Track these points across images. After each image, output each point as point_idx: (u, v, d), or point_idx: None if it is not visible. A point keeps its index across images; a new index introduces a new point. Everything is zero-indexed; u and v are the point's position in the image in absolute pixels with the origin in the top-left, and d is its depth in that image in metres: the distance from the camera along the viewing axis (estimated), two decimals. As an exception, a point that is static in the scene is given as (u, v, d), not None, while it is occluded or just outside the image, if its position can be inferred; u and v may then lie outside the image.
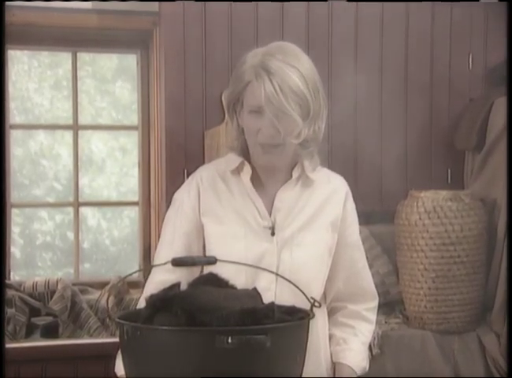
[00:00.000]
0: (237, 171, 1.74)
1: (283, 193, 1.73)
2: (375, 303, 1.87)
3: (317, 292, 1.72)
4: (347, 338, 1.80)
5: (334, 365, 1.79)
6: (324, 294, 1.81)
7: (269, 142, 1.63)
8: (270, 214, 1.72)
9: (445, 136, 3.25)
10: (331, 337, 1.81)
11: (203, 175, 1.76)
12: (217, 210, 1.73)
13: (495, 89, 3.14)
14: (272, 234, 1.70)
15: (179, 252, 1.70)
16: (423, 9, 3.23)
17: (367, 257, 3.04)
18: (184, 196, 1.76)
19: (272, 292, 1.67)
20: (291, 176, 1.74)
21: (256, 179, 1.73)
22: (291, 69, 1.59)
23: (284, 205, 1.72)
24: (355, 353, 1.78)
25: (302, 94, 1.59)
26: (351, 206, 1.81)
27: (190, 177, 1.80)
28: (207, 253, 1.72)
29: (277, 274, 1.57)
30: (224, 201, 1.73)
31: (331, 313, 1.85)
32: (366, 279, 1.85)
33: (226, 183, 1.74)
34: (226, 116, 2.93)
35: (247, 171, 1.72)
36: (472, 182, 3.14)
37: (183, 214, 1.74)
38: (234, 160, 1.74)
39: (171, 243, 1.74)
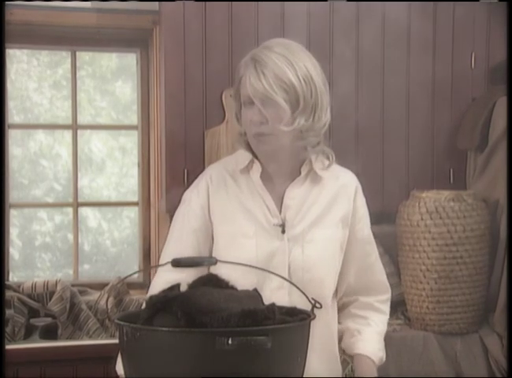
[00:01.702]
0: (247, 169, 1.74)
1: (293, 190, 1.73)
2: (387, 295, 1.87)
3: (329, 288, 1.71)
4: (361, 328, 1.79)
5: (352, 357, 1.78)
6: (336, 289, 1.81)
7: (259, 131, 1.64)
8: (280, 212, 1.71)
9: (447, 136, 3.24)
10: (345, 330, 1.81)
11: (213, 174, 1.76)
12: (227, 209, 1.72)
13: (497, 88, 3.12)
14: (283, 231, 1.70)
15: (187, 250, 1.69)
16: (425, 8, 3.22)
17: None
18: (193, 195, 1.76)
19: (286, 290, 1.66)
20: (300, 173, 1.73)
21: (265, 177, 1.73)
22: (279, 58, 1.63)
23: (294, 203, 1.72)
24: (371, 343, 1.78)
25: (289, 81, 1.61)
26: (361, 201, 1.81)
27: (199, 176, 1.79)
28: (217, 253, 1.71)
29: (279, 275, 1.56)
30: (233, 199, 1.73)
31: (342, 307, 1.84)
32: (378, 273, 1.86)
33: (236, 181, 1.74)
34: (227, 115, 2.92)
35: (257, 169, 1.72)
36: (474, 182, 3.12)
37: (191, 212, 1.74)
38: (243, 158, 1.74)
39: (179, 241, 1.74)
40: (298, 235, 1.70)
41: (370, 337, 1.78)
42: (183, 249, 1.70)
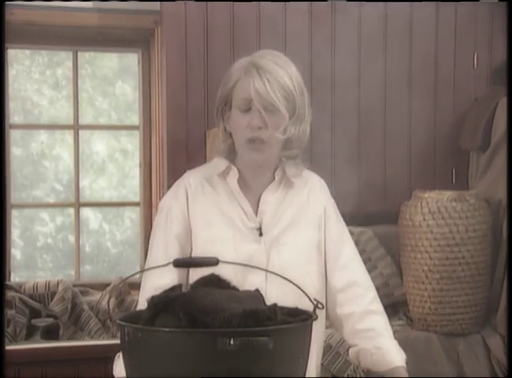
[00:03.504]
0: (223, 174, 1.77)
1: (268, 195, 1.77)
2: (374, 292, 1.84)
3: (309, 291, 1.70)
4: (378, 343, 1.77)
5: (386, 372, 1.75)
6: (326, 300, 1.81)
7: (256, 135, 1.66)
8: (256, 216, 1.75)
9: (449, 136, 3.24)
10: (360, 350, 1.79)
11: (190, 180, 1.79)
12: (205, 214, 1.75)
13: (499, 88, 3.12)
14: (260, 235, 1.73)
15: (174, 256, 1.69)
16: (427, 8, 3.21)
17: (370, 258, 3.06)
18: (172, 201, 1.78)
19: (263, 291, 1.66)
20: (274, 177, 1.77)
21: (241, 182, 1.76)
22: (279, 68, 1.67)
23: (270, 207, 1.76)
24: (395, 352, 1.76)
25: (289, 90, 1.66)
26: (330, 203, 1.85)
27: (176, 183, 1.82)
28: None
29: (280, 275, 1.55)
30: (211, 204, 1.76)
31: (341, 324, 1.83)
32: (357, 269, 1.84)
33: (213, 186, 1.77)
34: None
35: (234, 174, 1.76)
36: (477, 182, 3.12)
37: (173, 218, 1.76)
38: (221, 164, 1.78)
39: (165, 248, 1.75)
40: (274, 238, 1.74)
41: (391, 346, 1.77)
42: (169, 255, 1.70)
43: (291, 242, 1.75)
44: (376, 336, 1.78)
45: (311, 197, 1.81)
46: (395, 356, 1.76)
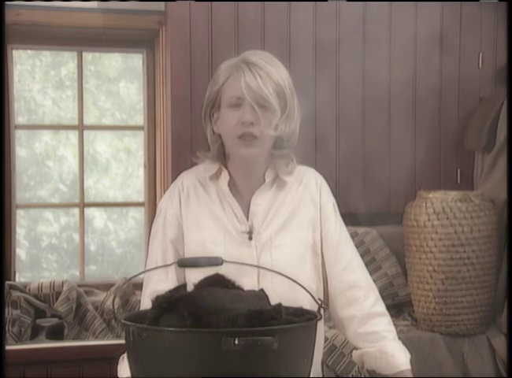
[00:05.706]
0: (215, 177, 1.77)
1: (258, 197, 1.76)
2: (376, 294, 1.83)
3: (305, 293, 1.69)
4: (382, 346, 1.76)
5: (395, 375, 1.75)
6: (327, 300, 1.81)
7: (248, 131, 1.65)
8: (247, 219, 1.75)
9: (455, 136, 3.24)
10: (364, 354, 1.79)
11: (184, 182, 1.80)
12: (197, 216, 1.76)
13: (505, 88, 3.11)
14: (250, 238, 1.73)
15: (171, 260, 1.71)
16: (432, 8, 3.21)
17: (375, 259, 3.06)
18: (167, 205, 1.79)
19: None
20: (264, 179, 1.76)
21: (232, 185, 1.76)
22: (269, 66, 1.67)
23: (260, 209, 1.75)
24: (399, 354, 1.76)
25: (281, 86, 1.66)
26: (327, 199, 1.82)
27: (172, 185, 1.83)
28: None
29: (287, 277, 1.55)
30: (203, 207, 1.76)
31: (344, 327, 1.82)
32: (358, 271, 1.82)
33: (205, 188, 1.78)
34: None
35: (225, 177, 1.76)
36: (482, 182, 3.11)
37: (169, 223, 1.77)
38: (212, 166, 1.78)
39: (162, 253, 1.77)
40: (266, 240, 1.73)
41: (395, 349, 1.76)
42: (167, 260, 1.73)
43: (284, 244, 1.74)
44: (380, 339, 1.77)
45: (306, 195, 1.79)
46: (399, 360, 1.75)
